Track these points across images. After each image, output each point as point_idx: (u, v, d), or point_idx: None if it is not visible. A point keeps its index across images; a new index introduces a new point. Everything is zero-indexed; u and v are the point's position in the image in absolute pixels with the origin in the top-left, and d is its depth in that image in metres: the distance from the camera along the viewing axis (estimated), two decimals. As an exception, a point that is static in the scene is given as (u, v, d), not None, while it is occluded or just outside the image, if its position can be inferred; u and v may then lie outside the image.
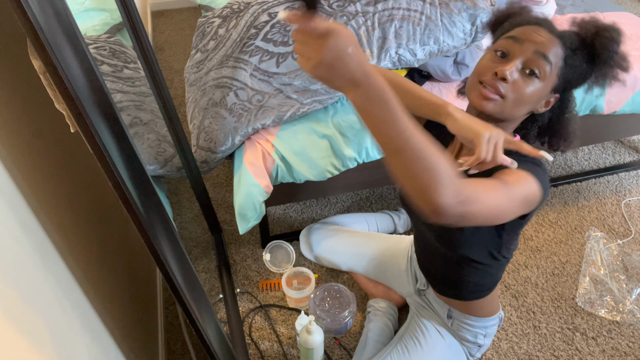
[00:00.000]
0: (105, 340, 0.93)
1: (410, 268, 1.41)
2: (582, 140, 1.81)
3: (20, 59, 0.88)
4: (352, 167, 1.52)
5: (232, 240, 1.80)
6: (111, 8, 1.98)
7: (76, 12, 1.90)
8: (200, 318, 0.89)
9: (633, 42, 1.73)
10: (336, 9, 1.50)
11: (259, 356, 1.45)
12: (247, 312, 1.56)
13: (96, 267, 1.01)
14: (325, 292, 1.50)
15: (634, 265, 1.65)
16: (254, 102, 1.44)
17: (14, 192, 0.70)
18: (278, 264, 1.66)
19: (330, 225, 1.63)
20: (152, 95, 1.58)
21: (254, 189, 1.41)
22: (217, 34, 1.64)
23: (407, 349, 1.25)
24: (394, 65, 1.51)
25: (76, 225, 0.96)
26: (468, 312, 1.19)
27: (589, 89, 0.93)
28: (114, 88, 1.50)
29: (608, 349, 1.44)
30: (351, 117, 1.47)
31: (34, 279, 0.68)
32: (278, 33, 1.49)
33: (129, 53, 1.73)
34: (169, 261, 0.78)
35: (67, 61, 0.59)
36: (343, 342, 1.48)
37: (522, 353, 1.44)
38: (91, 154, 0.63)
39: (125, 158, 0.72)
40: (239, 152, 1.48)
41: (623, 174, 2.03)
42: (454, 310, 1.21)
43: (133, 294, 1.26)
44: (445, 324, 1.25)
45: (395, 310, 1.48)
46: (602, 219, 1.83)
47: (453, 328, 1.23)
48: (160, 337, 1.46)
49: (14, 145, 0.76)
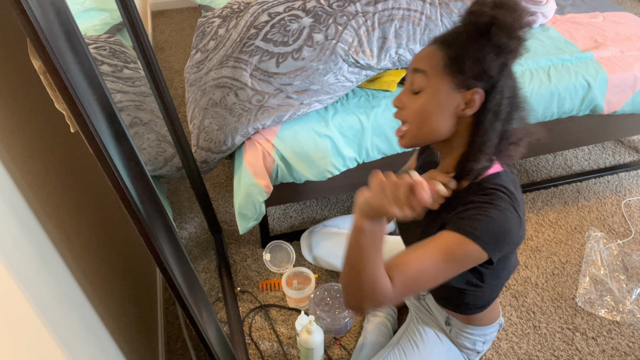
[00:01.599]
0: (105, 340, 0.93)
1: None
2: (582, 140, 1.81)
3: (20, 59, 0.88)
4: (352, 167, 1.52)
5: (232, 240, 1.80)
6: (111, 8, 1.98)
7: (76, 12, 1.90)
8: (200, 318, 0.89)
9: (633, 42, 1.73)
10: (336, 9, 1.50)
11: (259, 356, 1.45)
12: (247, 312, 1.56)
13: (96, 267, 1.01)
14: (325, 292, 1.50)
15: (634, 265, 1.65)
16: (254, 102, 1.44)
17: (14, 192, 0.70)
18: (278, 264, 1.66)
19: (330, 228, 1.63)
20: (152, 95, 1.58)
21: (254, 189, 1.41)
22: (217, 34, 1.64)
23: (404, 352, 1.24)
24: (394, 65, 1.51)
25: (76, 225, 0.96)
26: (467, 322, 1.18)
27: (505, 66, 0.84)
28: (114, 88, 1.50)
29: (608, 349, 1.44)
30: (351, 117, 1.47)
31: (34, 279, 0.68)
32: (278, 33, 1.49)
33: (129, 53, 1.73)
34: (169, 261, 0.78)
35: (67, 61, 0.59)
36: (343, 342, 1.48)
37: (522, 353, 1.44)
38: (91, 154, 0.63)
39: (125, 158, 0.72)
40: (239, 152, 1.48)
41: (623, 174, 2.03)
42: (452, 318, 1.20)
43: (133, 294, 1.26)
44: (444, 329, 1.24)
45: (394, 311, 1.48)
46: (602, 219, 1.83)
47: (451, 335, 1.22)
48: (160, 337, 1.46)
49: (14, 145, 0.76)
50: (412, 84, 0.89)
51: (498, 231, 0.85)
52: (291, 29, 1.49)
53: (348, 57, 1.46)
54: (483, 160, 0.88)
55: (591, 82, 1.59)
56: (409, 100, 0.90)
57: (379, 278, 0.81)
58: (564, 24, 1.87)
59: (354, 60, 1.46)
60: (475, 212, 0.86)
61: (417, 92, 0.89)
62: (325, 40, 1.46)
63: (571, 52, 1.66)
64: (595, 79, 1.59)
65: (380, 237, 0.80)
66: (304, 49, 1.46)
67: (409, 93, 0.90)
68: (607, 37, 1.76)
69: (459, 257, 0.85)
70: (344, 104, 1.53)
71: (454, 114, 0.88)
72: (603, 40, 1.74)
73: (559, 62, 1.63)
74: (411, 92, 0.90)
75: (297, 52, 1.46)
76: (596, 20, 1.90)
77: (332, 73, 1.46)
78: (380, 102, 1.51)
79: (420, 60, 0.88)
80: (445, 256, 0.85)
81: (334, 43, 1.46)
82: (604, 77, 1.60)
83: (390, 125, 1.48)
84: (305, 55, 1.46)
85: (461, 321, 1.18)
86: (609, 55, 1.67)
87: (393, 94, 1.56)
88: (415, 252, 0.86)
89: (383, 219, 0.78)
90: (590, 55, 1.66)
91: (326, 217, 1.88)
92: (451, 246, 0.85)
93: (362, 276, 0.81)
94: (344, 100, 1.54)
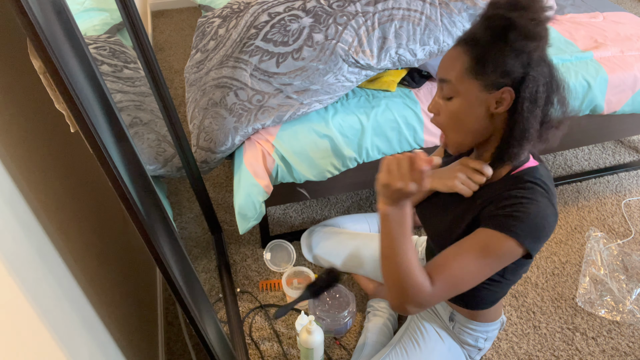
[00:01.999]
0: (105, 340, 0.93)
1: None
2: (582, 140, 1.81)
3: (20, 59, 0.88)
4: (352, 167, 1.52)
5: (232, 240, 1.80)
6: (111, 8, 1.98)
7: (76, 12, 1.90)
8: (200, 318, 0.89)
9: (633, 42, 1.73)
10: (336, 9, 1.50)
11: (259, 356, 1.45)
12: (247, 312, 1.56)
13: (96, 267, 1.01)
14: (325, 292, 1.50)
15: (634, 265, 1.65)
16: (254, 102, 1.44)
17: (14, 192, 0.70)
18: (278, 264, 1.66)
19: (330, 227, 1.63)
20: (152, 95, 1.58)
21: (254, 189, 1.41)
22: (217, 34, 1.64)
23: (406, 350, 1.25)
24: (394, 65, 1.51)
25: (76, 225, 0.96)
26: (471, 317, 1.18)
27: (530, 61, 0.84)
28: (114, 88, 1.50)
29: (608, 349, 1.44)
30: (351, 117, 1.47)
31: (34, 279, 0.68)
32: (278, 33, 1.49)
33: (129, 53, 1.73)
34: (169, 261, 0.78)
35: (67, 61, 0.59)
36: (343, 342, 1.48)
37: (522, 353, 1.44)
38: (91, 154, 0.63)
39: (125, 158, 0.72)
40: (239, 152, 1.48)
41: (623, 174, 2.03)
42: (457, 313, 1.20)
43: (133, 293, 1.26)
44: (447, 326, 1.25)
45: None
46: (602, 219, 1.83)
47: (454, 331, 1.23)
48: (160, 337, 1.46)
49: (14, 146, 0.76)
50: (442, 90, 0.91)
51: (537, 227, 0.86)
52: (291, 29, 1.49)
53: (348, 57, 1.46)
54: (526, 145, 0.88)
55: (591, 82, 1.59)
56: (443, 105, 0.92)
57: (415, 270, 0.85)
58: (564, 24, 1.87)
59: (354, 60, 1.46)
60: (513, 208, 0.87)
61: (449, 98, 0.90)
62: (325, 40, 1.46)
63: (571, 52, 1.67)
64: (595, 79, 1.59)
65: (406, 223, 0.85)
66: (304, 49, 1.46)
67: (442, 98, 0.92)
68: (607, 37, 1.76)
69: (498, 254, 0.87)
70: (344, 104, 1.53)
71: (487, 114, 0.89)
72: (603, 40, 1.74)
73: (559, 62, 1.63)
74: (443, 97, 0.91)
75: (297, 52, 1.46)
76: (596, 20, 1.90)
77: (332, 73, 1.46)
78: (380, 102, 1.51)
79: (444, 69, 0.89)
80: (485, 254, 0.86)
81: (334, 43, 1.46)
82: (604, 77, 1.60)
83: (390, 125, 1.48)
84: (305, 55, 1.46)
85: (465, 317, 1.19)
86: (609, 55, 1.67)
87: (393, 94, 1.56)
88: (453, 251, 0.89)
89: (405, 204, 0.83)
90: (590, 55, 1.66)
91: (326, 217, 1.88)
92: (490, 244, 0.87)
93: (398, 268, 0.85)
94: (344, 100, 1.54)
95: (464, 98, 0.88)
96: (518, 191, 0.90)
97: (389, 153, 1.53)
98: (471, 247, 0.88)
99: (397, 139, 1.51)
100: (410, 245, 0.86)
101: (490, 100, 0.87)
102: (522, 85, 0.84)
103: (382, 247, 0.88)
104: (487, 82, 0.85)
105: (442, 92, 0.91)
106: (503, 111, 0.87)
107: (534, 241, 0.86)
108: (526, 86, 0.84)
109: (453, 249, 0.89)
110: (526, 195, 0.88)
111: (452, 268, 0.87)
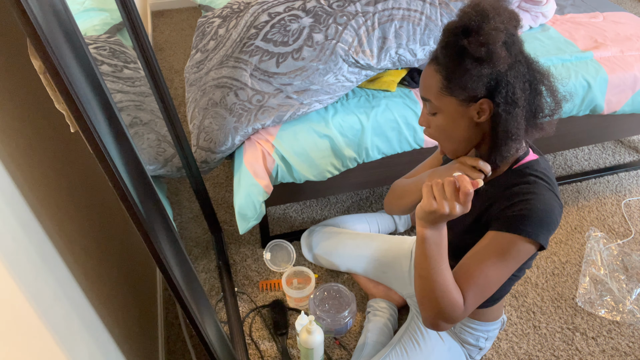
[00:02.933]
0: (105, 339, 0.93)
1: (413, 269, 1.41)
2: (582, 140, 1.81)
3: (20, 59, 0.88)
4: (352, 167, 1.52)
5: (232, 240, 1.80)
6: (111, 8, 1.98)
7: (76, 12, 1.90)
8: (200, 318, 0.89)
9: (633, 42, 1.73)
10: (336, 9, 1.50)
11: (258, 356, 1.45)
12: (247, 312, 1.56)
13: (96, 267, 1.01)
14: (325, 292, 1.50)
15: (634, 265, 1.65)
16: (254, 102, 1.44)
17: (14, 192, 0.70)
18: (278, 264, 1.66)
19: (331, 227, 1.63)
20: (152, 95, 1.58)
21: (254, 189, 1.41)
22: (217, 34, 1.64)
23: (406, 350, 1.25)
24: (394, 65, 1.51)
25: (76, 225, 0.96)
26: (473, 316, 1.19)
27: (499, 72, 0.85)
28: (114, 88, 1.50)
29: (608, 349, 1.44)
30: (351, 117, 1.47)
31: (34, 278, 0.68)
32: (278, 33, 1.49)
33: (129, 53, 1.73)
34: (169, 261, 0.78)
35: (67, 61, 0.59)
36: (343, 342, 1.48)
37: (522, 353, 1.44)
38: (91, 154, 0.63)
39: (125, 158, 0.72)
40: (239, 152, 1.48)
41: (623, 174, 2.03)
42: None
43: (133, 293, 1.26)
44: None
45: (395, 310, 1.48)
46: (602, 219, 1.83)
47: (455, 330, 1.23)
48: (160, 337, 1.46)
49: (14, 145, 0.76)
50: (426, 107, 0.95)
51: (546, 221, 0.89)
52: (291, 29, 1.49)
53: (348, 57, 1.46)
54: (513, 145, 0.90)
55: (591, 82, 1.59)
56: (431, 120, 0.96)
57: (451, 289, 0.88)
58: (564, 24, 1.87)
59: (354, 60, 1.46)
60: (521, 206, 0.90)
61: (434, 114, 0.94)
62: (325, 40, 1.46)
63: (571, 52, 1.66)
64: (595, 79, 1.59)
65: (444, 244, 0.88)
66: (304, 49, 1.46)
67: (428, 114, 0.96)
68: (607, 37, 1.76)
69: (515, 255, 0.90)
70: (344, 104, 1.53)
71: (473, 123, 0.91)
72: (603, 40, 1.74)
73: (559, 62, 1.63)
74: (429, 113, 0.96)
75: (297, 52, 1.46)
76: (596, 20, 1.90)
77: (332, 73, 1.46)
78: (380, 102, 1.51)
79: (423, 88, 0.94)
80: (503, 257, 0.89)
81: (334, 43, 1.46)
82: (604, 77, 1.60)
83: (390, 125, 1.48)
84: (305, 55, 1.46)
85: (467, 316, 1.19)
86: (609, 55, 1.67)
87: (393, 94, 1.56)
88: (472, 261, 0.92)
89: (442, 226, 0.87)
90: (590, 55, 1.66)
91: (326, 217, 1.88)
92: (506, 247, 0.89)
93: (434, 286, 0.88)
94: (344, 100, 1.54)
95: (446, 114, 0.92)
96: (522, 187, 0.92)
97: (389, 153, 1.53)
98: (488, 253, 0.90)
99: (397, 139, 1.51)
100: (446, 264, 0.89)
101: (471, 112, 0.89)
102: (496, 94, 0.86)
103: (419, 268, 0.90)
104: (462, 98, 0.88)
105: (427, 109, 0.95)
106: (486, 119, 0.90)
107: (545, 235, 0.89)
108: (500, 93, 0.85)
109: (471, 259, 0.92)
110: (531, 190, 0.91)
111: (477, 278, 0.90)
